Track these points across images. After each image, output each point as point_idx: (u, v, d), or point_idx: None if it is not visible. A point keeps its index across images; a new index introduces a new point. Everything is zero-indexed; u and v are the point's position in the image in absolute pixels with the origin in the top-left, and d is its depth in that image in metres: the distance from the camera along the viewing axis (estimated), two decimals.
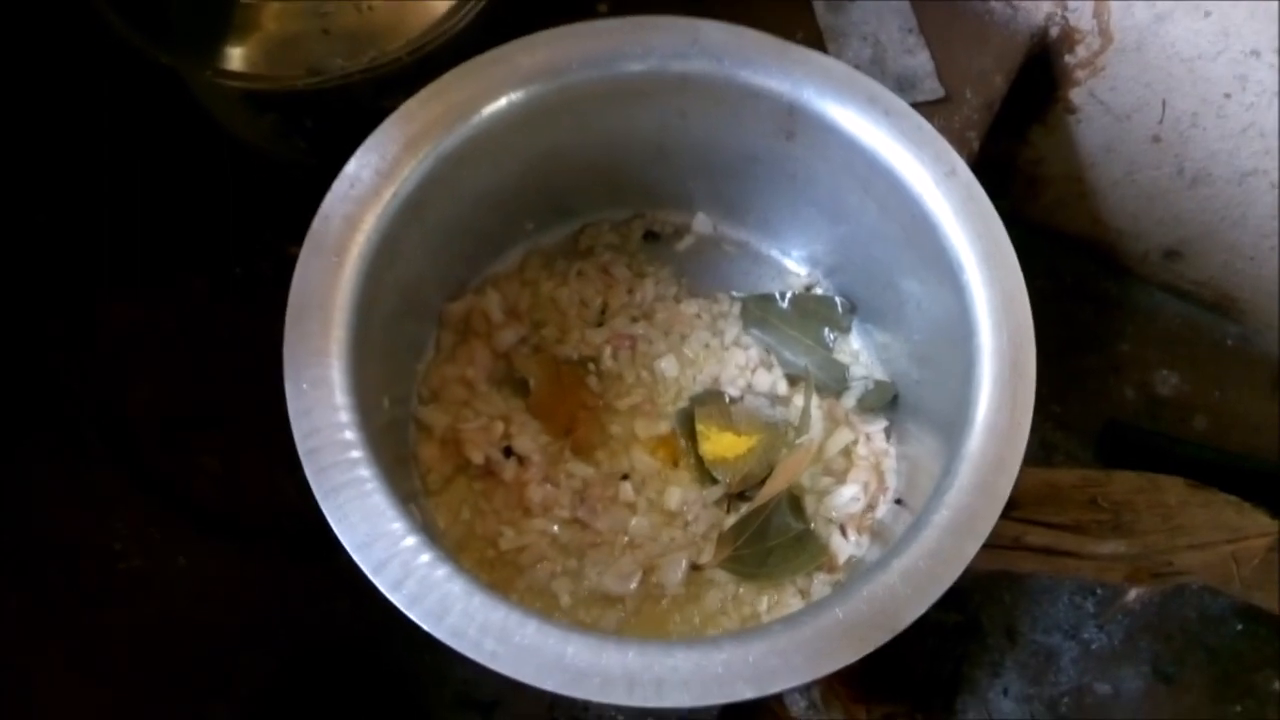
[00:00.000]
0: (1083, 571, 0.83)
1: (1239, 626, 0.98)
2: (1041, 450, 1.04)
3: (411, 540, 0.49)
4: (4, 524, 0.67)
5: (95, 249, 0.75)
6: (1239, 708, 0.96)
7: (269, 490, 0.68)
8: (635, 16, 0.61)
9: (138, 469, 0.69)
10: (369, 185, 0.56)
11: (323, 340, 0.52)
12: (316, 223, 0.55)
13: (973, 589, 0.98)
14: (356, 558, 0.49)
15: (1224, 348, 1.09)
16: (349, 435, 0.51)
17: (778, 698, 0.76)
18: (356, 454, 0.51)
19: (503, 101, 0.59)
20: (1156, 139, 0.92)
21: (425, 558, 0.49)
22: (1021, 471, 0.81)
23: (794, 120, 0.62)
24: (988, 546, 0.78)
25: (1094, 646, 0.97)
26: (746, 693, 0.47)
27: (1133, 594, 0.91)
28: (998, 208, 0.58)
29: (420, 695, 0.65)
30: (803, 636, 0.48)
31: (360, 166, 0.56)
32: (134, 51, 0.65)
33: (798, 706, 0.75)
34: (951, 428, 0.56)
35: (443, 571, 0.48)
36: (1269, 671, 0.96)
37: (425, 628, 0.47)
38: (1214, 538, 0.83)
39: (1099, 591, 0.98)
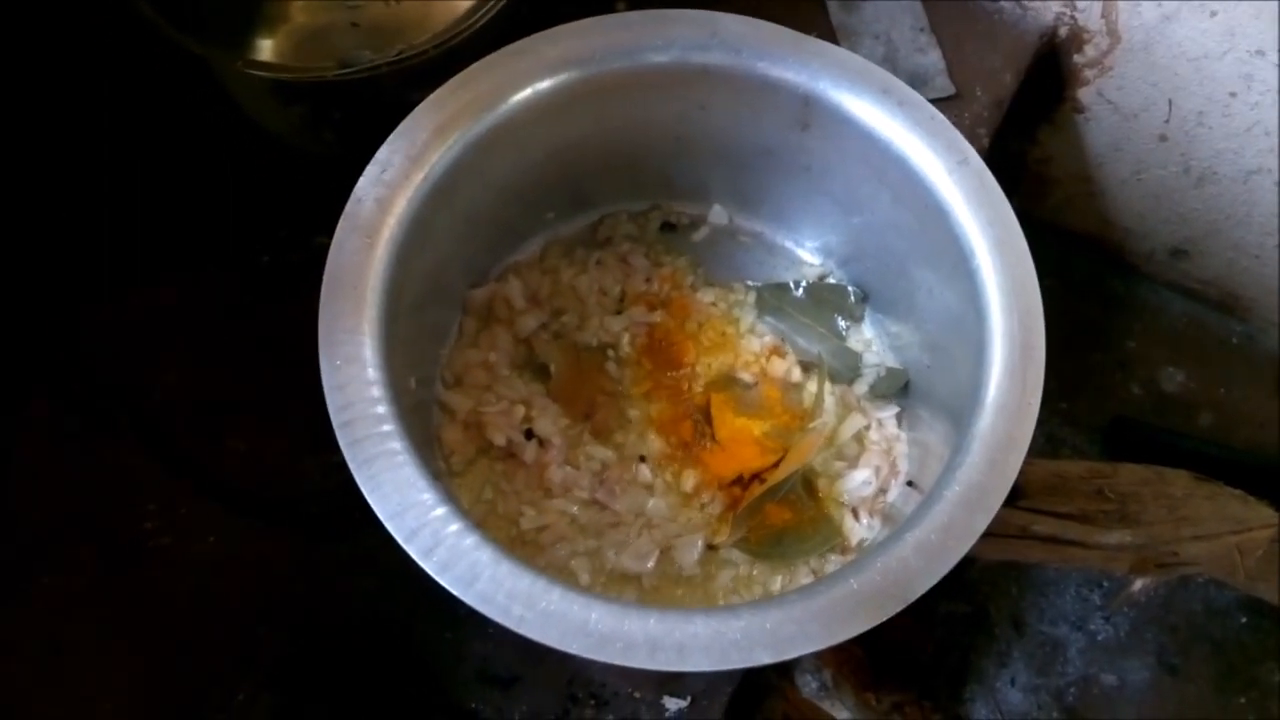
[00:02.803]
0: (1089, 561, 0.84)
1: (1243, 619, 0.99)
2: (1049, 445, 1.05)
3: (441, 510, 0.51)
4: (39, 503, 0.69)
5: (127, 238, 0.76)
6: (1243, 699, 0.97)
7: (294, 471, 0.70)
8: (655, 10, 0.63)
9: (168, 451, 0.71)
10: (400, 170, 0.58)
11: (355, 318, 0.54)
12: (350, 205, 0.57)
13: (980, 580, 0.99)
14: (389, 526, 0.50)
15: (1229, 345, 1.10)
16: (381, 410, 0.53)
17: (790, 680, 0.77)
18: (388, 427, 0.52)
19: (528, 91, 0.61)
20: (1163, 138, 0.94)
21: (454, 527, 0.50)
22: (1030, 462, 0.83)
23: (809, 111, 0.63)
24: (995, 535, 0.80)
25: (1100, 638, 0.98)
26: (764, 658, 0.48)
27: (1138, 585, 0.93)
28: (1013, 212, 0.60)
29: (441, 671, 0.67)
30: (818, 605, 0.50)
31: (392, 152, 0.58)
32: (165, 42, 0.67)
33: (809, 688, 0.76)
34: (962, 411, 0.58)
35: (471, 540, 0.50)
36: (1273, 664, 0.98)
37: (455, 593, 0.49)
38: (1219, 529, 0.84)
39: (1105, 584, 1.00)
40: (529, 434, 0.68)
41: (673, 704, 0.66)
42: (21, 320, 0.74)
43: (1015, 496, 0.79)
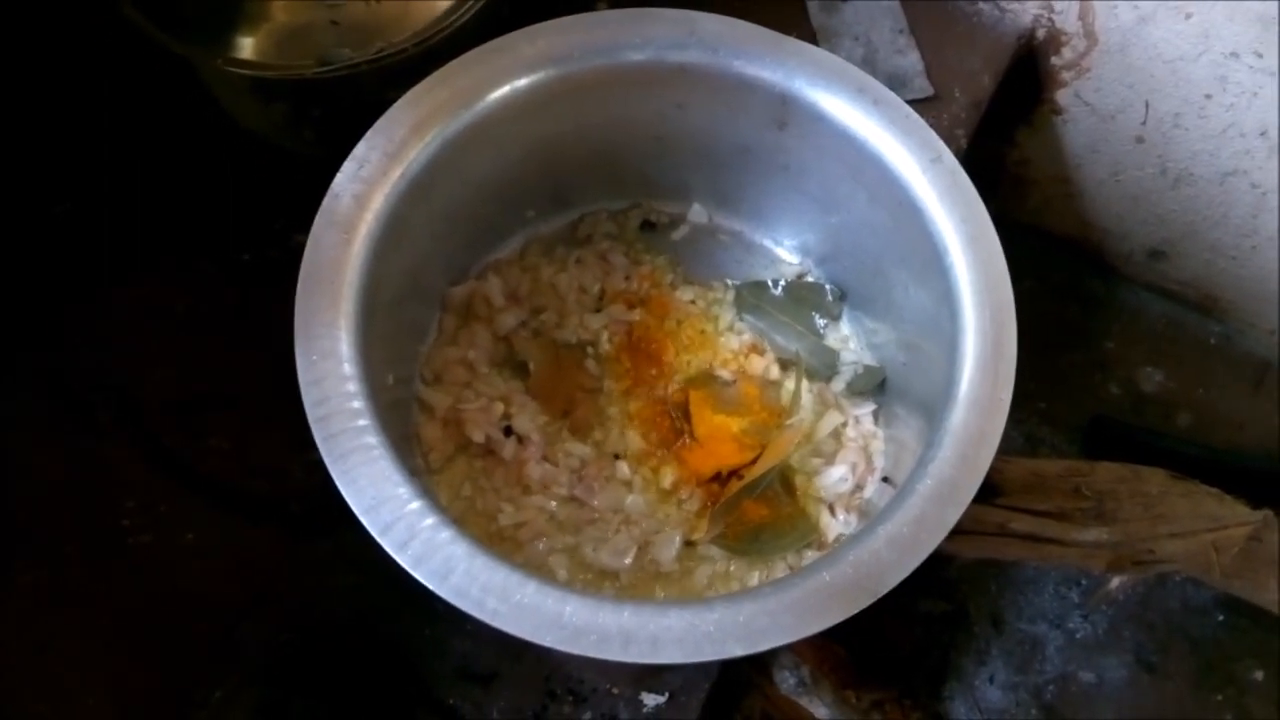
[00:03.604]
0: (1066, 558, 0.85)
1: (1221, 617, 1.00)
2: (1028, 445, 1.06)
3: (417, 504, 0.51)
4: (22, 500, 0.69)
5: (110, 236, 0.77)
6: (1220, 696, 0.97)
7: (276, 469, 0.70)
8: (634, 9, 0.63)
9: (149, 448, 0.71)
10: (377, 166, 0.58)
11: (332, 314, 0.55)
12: (327, 200, 0.57)
13: (960, 579, 1.00)
14: (364, 520, 0.50)
15: (1207, 346, 1.11)
16: (357, 404, 0.53)
17: (769, 677, 0.78)
18: (364, 422, 0.53)
19: (506, 88, 0.62)
20: (1140, 140, 0.95)
21: (430, 521, 0.51)
22: (1007, 460, 0.83)
23: (786, 110, 0.64)
24: (973, 533, 0.81)
25: (1079, 636, 0.99)
26: (737, 650, 0.49)
27: (1115, 582, 0.93)
28: (986, 209, 0.61)
29: (421, 667, 0.67)
30: (791, 598, 0.50)
31: (369, 148, 0.59)
32: (147, 41, 0.67)
33: (787, 685, 0.77)
34: (936, 407, 0.58)
35: (447, 534, 0.50)
36: (1250, 661, 0.98)
37: (430, 586, 0.49)
38: (1194, 526, 0.85)
39: (1084, 582, 1.00)
40: (508, 431, 0.68)
41: (650, 700, 0.66)
42: (7, 318, 0.74)
43: (993, 494, 0.80)
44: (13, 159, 0.78)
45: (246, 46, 0.70)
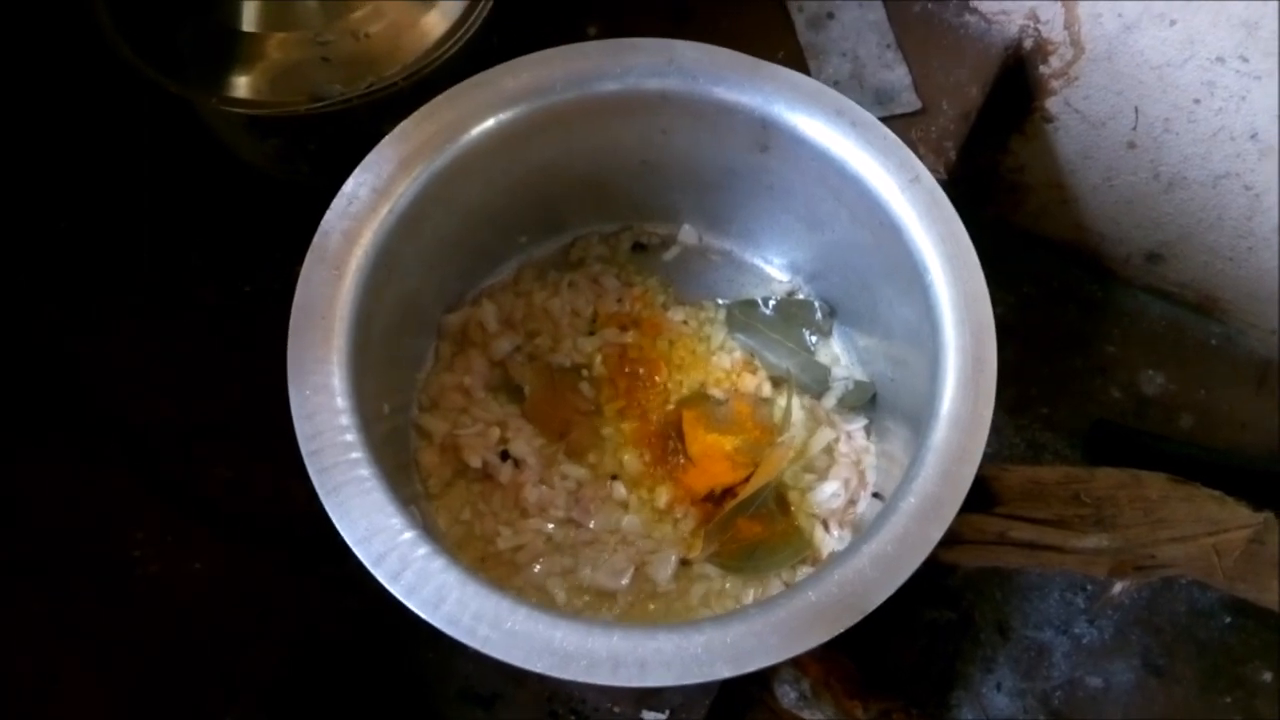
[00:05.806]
0: (1067, 565, 0.85)
1: (1228, 619, 1.00)
2: (1030, 450, 1.06)
3: (409, 534, 0.52)
4: (31, 532, 0.71)
5: (114, 267, 0.79)
6: (1229, 699, 0.97)
7: (279, 496, 0.71)
8: (614, 39, 0.64)
9: (155, 478, 0.72)
10: (366, 202, 0.59)
11: (324, 349, 0.56)
12: (317, 238, 0.58)
13: (965, 587, 1.00)
14: (357, 551, 0.52)
15: (1208, 347, 1.11)
16: (349, 437, 0.54)
17: (769, 691, 0.78)
18: (357, 455, 0.54)
19: (490, 121, 0.63)
20: (1132, 145, 0.95)
21: (422, 550, 0.52)
22: (1006, 468, 0.84)
23: (768, 134, 0.65)
24: (974, 543, 0.81)
25: (1085, 641, 0.99)
26: (725, 671, 0.49)
27: (1118, 587, 0.93)
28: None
29: (424, 690, 0.68)
30: (777, 618, 0.51)
31: (358, 185, 0.60)
32: (147, 82, 0.69)
33: (788, 699, 0.77)
34: (922, 422, 0.59)
35: (439, 563, 0.51)
36: (1258, 663, 0.98)
37: (422, 615, 0.50)
38: (1195, 530, 0.85)
39: (1089, 587, 1.00)
40: (505, 455, 0.69)
41: (651, 717, 0.67)
42: (13, 351, 0.76)
43: (992, 503, 0.81)
44: (14, 191, 0.80)
45: (241, 85, 0.71)
